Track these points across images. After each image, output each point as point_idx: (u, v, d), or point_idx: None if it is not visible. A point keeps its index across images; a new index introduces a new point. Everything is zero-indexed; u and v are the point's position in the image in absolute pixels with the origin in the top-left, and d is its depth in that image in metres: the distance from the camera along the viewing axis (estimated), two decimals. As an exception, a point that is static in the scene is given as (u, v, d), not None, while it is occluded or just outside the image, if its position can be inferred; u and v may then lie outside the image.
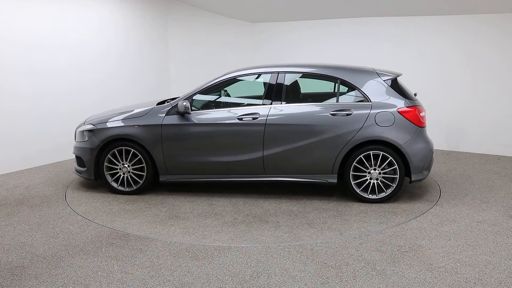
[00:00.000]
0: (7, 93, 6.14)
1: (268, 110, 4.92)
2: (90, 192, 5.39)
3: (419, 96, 5.51)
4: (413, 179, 4.84)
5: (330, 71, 5.02)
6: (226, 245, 3.80)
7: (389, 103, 4.80)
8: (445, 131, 8.03)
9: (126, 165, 5.19)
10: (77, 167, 5.47)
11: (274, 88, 5.03)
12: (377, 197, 4.85)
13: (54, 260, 3.52)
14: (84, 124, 5.47)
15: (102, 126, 5.22)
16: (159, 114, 5.10)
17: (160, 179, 5.20)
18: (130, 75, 7.95)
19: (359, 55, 8.35)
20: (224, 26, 9.69)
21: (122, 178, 5.23)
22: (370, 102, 4.81)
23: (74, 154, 5.48)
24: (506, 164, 6.84)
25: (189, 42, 8.98)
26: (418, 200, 5.00)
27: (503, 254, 3.59)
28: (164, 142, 5.04)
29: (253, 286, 3.10)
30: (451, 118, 7.97)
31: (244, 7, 9.02)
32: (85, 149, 5.27)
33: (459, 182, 5.81)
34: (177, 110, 5.02)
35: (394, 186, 4.81)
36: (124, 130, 5.13)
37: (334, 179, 4.91)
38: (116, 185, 5.25)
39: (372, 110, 4.77)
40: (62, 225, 4.29)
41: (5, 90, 6.11)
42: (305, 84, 5.51)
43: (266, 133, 4.88)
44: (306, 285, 3.12)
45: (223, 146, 4.99)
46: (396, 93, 4.85)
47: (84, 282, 3.16)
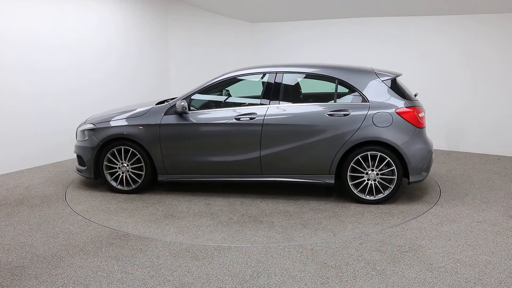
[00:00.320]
0: (7, 93, 6.14)
1: (265, 110, 4.91)
2: (90, 191, 5.40)
3: (419, 96, 5.50)
4: (411, 180, 4.79)
5: (328, 71, 5.01)
6: (226, 245, 3.80)
7: (387, 104, 4.76)
8: (445, 131, 8.03)
9: (125, 164, 5.21)
10: (78, 166, 5.52)
11: (272, 88, 5.02)
12: (374, 198, 4.82)
13: (54, 260, 3.52)
14: (85, 123, 5.52)
15: (102, 126, 5.26)
16: (158, 114, 5.11)
17: (158, 179, 5.22)
18: (130, 75, 7.95)
19: (359, 55, 8.35)
20: (224, 26, 9.68)
21: (121, 177, 5.26)
22: (368, 102, 4.78)
23: (75, 153, 5.52)
24: (506, 164, 6.84)
25: (189, 42, 8.97)
26: (416, 201, 4.98)
27: (503, 254, 3.59)
28: (162, 141, 5.06)
29: (253, 286, 3.10)
30: (451, 118, 7.96)
31: (244, 7, 9.02)
32: (85, 148, 5.32)
33: (459, 182, 5.81)
34: (175, 110, 5.04)
35: (392, 187, 4.78)
36: (123, 129, 5.15)
37: (331, 180, 4.89)
38: (115, 184, 5.28)
39: (370, 111, 4.74)
40: (62, 225, 4.29)
41: (5, 90, 6.11)
42: (303, 84, 5.50)
43: (263, 133, 4.87)
44: (306, 285, 3.12)
45: (220, 146, 4.99)
46: (394, 93, 4.82)
47: (84, 282, 3.16)
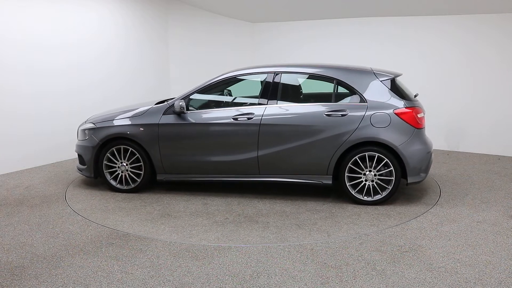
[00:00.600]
0: (7, 93, 6.14)
1: (263, 110, 4.90)
2: (90, 190, 5.41)
3: (419, 96, 5.49)
4: (409, 182, 4.74)
5: (326, 71, 4.99)
6: (226, 245, 3.80)
7: (385, 104, 4.72)
8: (445, 131, 8.03)
9: (124, 163, 5.22)
10: (78, 165, 5.57)
11: (270, 88, 5.00)
12: (372, 199, 4.79)
13: (54, 260, 3.52)
14: (85, 122, 5.57)
15: (102, 125, 5.29)
16: (157, 114, 5.13)
17: (157, 178, 5.24)
18: (130, 75, 7.95)
19: (359, 55, 8.35)
20: (224, 26, 9.68)
21: (120, 176, 5.28)
22: (366, 102, 4.74)
23: (76, 152, 5.56)
24: (506, 164, 6.84)
25: (189, 42, 8.97)
26: (414, 202, 4.95)
27: (503, 254, 3.59)
28: (161, 141, 5.07)
29: (253, 286, 3.10)
30: (451, 118, 7.96)
31: (244, 7, 9.02)
32: (85, 147, 5.35)
33: (459, 182, 5.81)
34: (173, 109, 5.05)
35: (390, 188, 4.75)
36: (123, 129, 5.17)
37: (329, 180, 4.86)
38: (114, 183, 5.30)
39: (367, 111, 4.70)
40: (62, 225, 4.29)
41: (5, 90, 6.11)
42: (301, 84, 5.50)
43: (260, 133, 4.86)
44: (306, 285, 3.12)
45: (218, 146, 4.99)
46: (393, 93, 4.78)
47: (84, 282, 3.16)
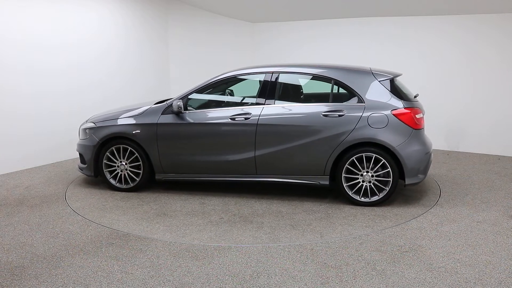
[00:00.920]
0: (7, 93, 6.14)
1: (260, 110, 4.90)
2: (89, 188, 5.43)
3: (419, 96, 5.48)
4: (407, 183, 4.71)
5: (324, 72, 4.98)
6: (226, 245, 3.80)
7: (383, 105, 4.68)
8: (445, 131, 8.03)
9: (123, 163, 5.24)
10: (79, 164, 5.61)
11: (267, 88, 5.00)
12: (369, 200, 4.75)
13: (54, 260, 3.52)
14: (86, 122, 5.61)
15: (102, 125, 5.32)
16: (155, 114, 5.15)
17: (156, 177, 5.26)
18: (130, 75, 7.95)
19: (359, 55, 8.35)
20: (224, 26, 9.68)
21: (120, 175, 5.30)
22: (364, 103, 4.72)
23: (77, 151, 5.61)
24: (506, 164, 6.84)
25: (189, 42, 8.97)
26: (412, 204, 4.90)
27: (503, 254, 3.59)
28: (159, 141, 5.08)
29: (253, 286, 3.10)
30: (451, 118, 7.96)
31: (244, 7, 9.02)
32: (86, 146, 5.38)
33: (459, 182, 5.81)
34: (171, 109, 5.07)
35: (387, 189, 4.71)
36: (122, 128, 5.19)
37: (326, 181, 4.84)
38: (114, 182, 5.33)
39: (365, 111, 4.67)
40: (62, 225, 4.29)
41: (5, 90, 6.11)
42: (299, 84, 5.49)
43: (258, 133, 4.85)
44: (306, 285, 3.12)
45: (216, 146, 5.00)
46: (392, 94, 4.74)
47: (84, 282, 3.16)
